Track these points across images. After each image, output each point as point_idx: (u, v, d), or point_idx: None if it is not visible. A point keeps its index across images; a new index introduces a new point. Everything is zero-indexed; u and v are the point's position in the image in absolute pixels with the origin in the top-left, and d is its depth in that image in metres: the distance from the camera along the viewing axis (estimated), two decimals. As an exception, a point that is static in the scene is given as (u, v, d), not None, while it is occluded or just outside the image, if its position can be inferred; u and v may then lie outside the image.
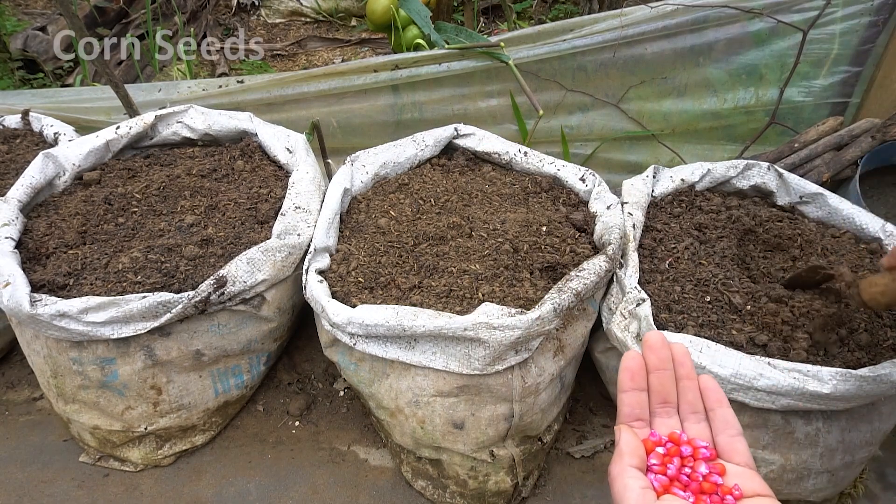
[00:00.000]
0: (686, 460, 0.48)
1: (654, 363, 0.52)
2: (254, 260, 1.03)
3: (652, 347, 0.53)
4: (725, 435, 0.51)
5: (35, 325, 0.98)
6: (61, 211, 1.18)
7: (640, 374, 0.52)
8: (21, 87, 2.20)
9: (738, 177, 1.25)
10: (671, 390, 0.52)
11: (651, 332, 0.53)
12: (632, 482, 0.45)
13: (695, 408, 0.52)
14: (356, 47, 2.77)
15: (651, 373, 0.52)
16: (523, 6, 2.79)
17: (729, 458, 0.50)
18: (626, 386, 0.52)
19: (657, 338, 0.52)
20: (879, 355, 0.92)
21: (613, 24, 1.47)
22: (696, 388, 0.52)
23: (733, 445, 0.50)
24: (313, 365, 1.34)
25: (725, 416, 0.51)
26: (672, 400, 0.52)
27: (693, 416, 0.52)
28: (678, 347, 0.53)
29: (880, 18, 1.44)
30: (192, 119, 1.36)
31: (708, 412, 0.52)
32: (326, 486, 1.11)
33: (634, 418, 0.51)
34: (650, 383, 0.52)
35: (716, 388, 0.52)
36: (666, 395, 0.52)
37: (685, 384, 0.52)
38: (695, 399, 0.52)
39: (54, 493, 1.10)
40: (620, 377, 0.52)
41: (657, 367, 0.52)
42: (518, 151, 1.29)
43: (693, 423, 0.52)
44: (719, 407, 0.52)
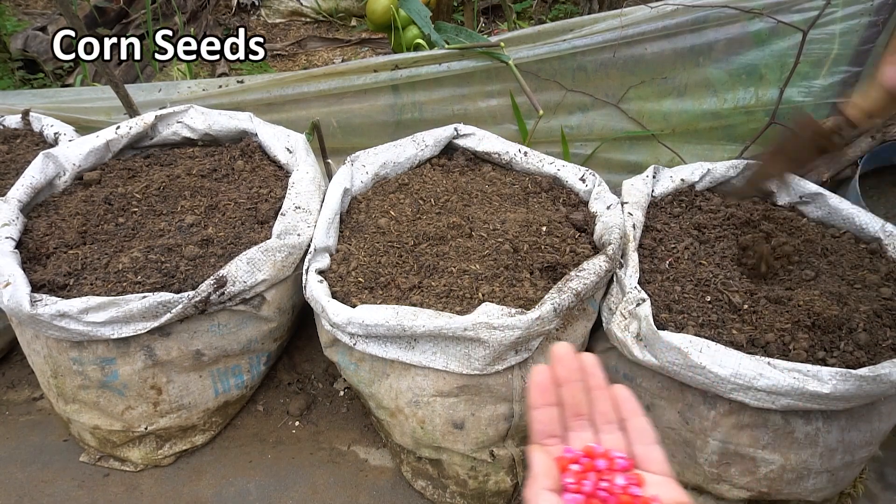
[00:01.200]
0: (603, 474, 0.47)
1: (564, 375, 0.51)
2: (254, 260, 1.03)
3: (560, 359, 0.51)
4: (642, 444, 0.50)
5: (35, 325, 0.98)
6: (61, 211, 1.18)
7: (550, 388, 0.50)
8: (21, 87, 2.20)
9: (738, 177, 1.25)
10: (583, 402, 0.51)
11: (559, 344, 0.52)
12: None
13: (608, 418, 0.51)
14: (356, 47, 2.77)
15: (562, 386, 0.51)
16: (523, 6, 2.79)
17: (646, 468, 0.49)
18: (537, 402, 0.50)
19: (565, 349, 0.51)
20: (879, 355, 0.92)
21: (613, 24, 1.47)
22: (608, 397, 0.51)
23: (650, 454, 0.49)
24: (313, 365, 1.34)
25: (641, 426, 0.50)
26: (585, 412, 0.51)
27: (607, 426, 0.51)
28: (587, 357, 0.52)
29: (880, 18, 1.44)
30: (192, 119, 1.36)
31: (622, 422, 0.51)
32: (326, 486, 1.11)
33: (548, 435, 0.49)
34: (562, 397, 0.50)
35: (629, 397, 0.51)
36: (578, 408, 0.51)
37: (597, 394, 0.51)
38: (608, 409, 0.51)
39: (54, 493, 1.10)
40: (531, 394, 0.50)
41: (567, 380, 0.51)
42: (518, 151, 1.29)
43: (608, 434, 0.51)
44: (634, 417, 0.50)
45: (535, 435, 0.50)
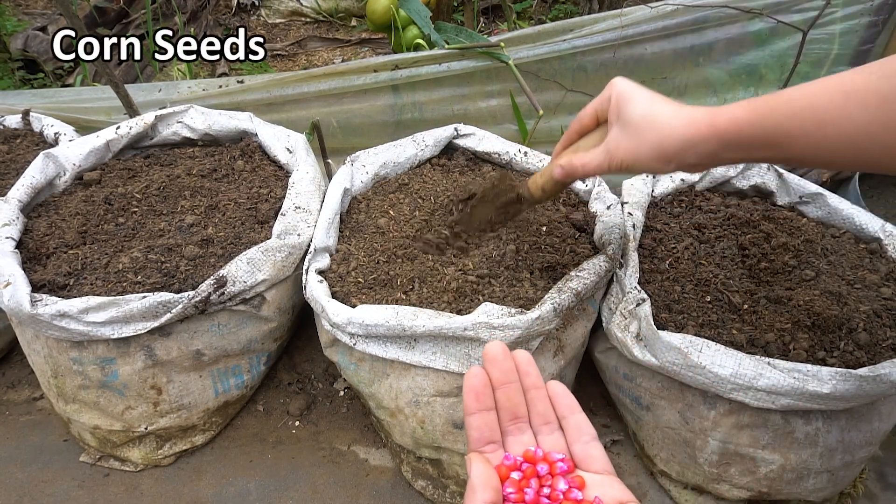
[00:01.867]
0: (544, 479, 0.46)
1: (499, 377, 0.48)
2: (254, 260, 1.03)
3: (493, 360, 0.49)
4: (580, 443, 0.48)
5: (35, 325, 0.98)
6: (61, 211, 1.18)
7: (484, 392, 0.48)
8: (21, 87, 2.20)
9: (738, 177, 1.26)
10: (520, 404, 0.49)
11: (490, 344, 0.49)
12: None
13: (546, 418, 0.49)
14: (356, 47, 2.77)
15: (497, 389, 0.48)
16: (523, 6, 2.79)
17: (587, 467, 0.47)
18: (472, 408, 0.47)
19: (497, 349, 0.49)
20: (879, 355, 0.93)
21: (613, 24, 1.47)
22: (545, 396, 0.49)
23: (589, 452, 0.48)
24: (313, 365, 1.34)
25: (578, 423, 0.49)
26: (522, 414, 0.49)
27: (545, 427, 0.49)
28: (521, 355, 0.50)
29: (880, 18, 1.44)
30: (192, 119, 1.36)
31: (561, 421, 0.49)
32: (326, 485, 1.11)
33: (485, 442, 0.47)
34: (497, 400, 0.48)
35: (565, 393, 0.50)
36: (515, 411, 0.48)
37: (533, 394, 0.49)
38: (545, 409, 0.49)
39: (54, 492, 1.10)
40: (465, 399, 0.48)
41: (503, 382, 0.48)
42: (518, 151, 1.29)
43: (547, 435, 0.49)
44: (571, 414, 0.49)
45: (472, 442, 0.48)
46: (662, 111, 0.67)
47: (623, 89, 0.72)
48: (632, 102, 0.70)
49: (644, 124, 0.68)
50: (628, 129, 0.70)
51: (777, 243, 1.09)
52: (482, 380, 0.48)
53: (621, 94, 0.71)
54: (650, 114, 0.68)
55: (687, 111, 0.66)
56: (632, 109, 0.69)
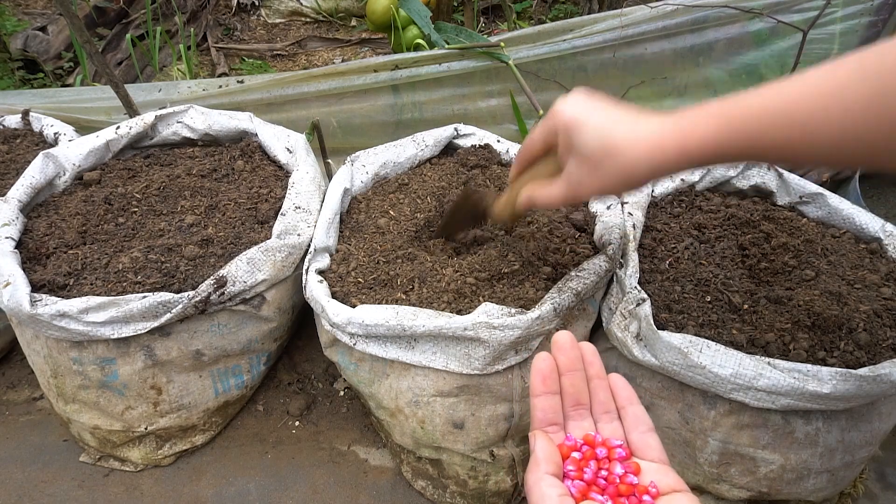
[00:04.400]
0: (602, 462, 0.48)
1: (566, 364, 0.51)
2: (254, 260, 1.03)
3: (562, 348, 0.51)
4: (637, 432, 0.50)
5: (35, 325, 0.98)
6: (61, 211, 1.18)
7: (551, 377, 0.50)
8: (21, 87, 2.20)
9: (738, 177, 1.26)
10: (583, 391, 0.51)
11: (559, 333, 0.52)
12: (549, 490, 0.44)
13: (607, 407, 0.52)
14: (356, 47, 2.77)
15: (563, 375, 0.51)
16: (523, 6, 2.79)
17: (643, 455, 0.49)
18: (539, 390, 0.50)
19: (566, 338, 0.51)
20: (879, 355, 0.92)
21: (613, 24, 1.47)
22: (607, 387, 0.52)
23: (646, 442, 0.50)
24: (313, 365, 1.34)
25: (637, 414, 0.51)
26: (585, 401, 0.51)
27: (606, 415, 0.51)
28: (587, 347, 0.52)
29: (880, 18, 1.44)
30: (192, 119, 1.36)
31: (619, 411, 0.51)
32: (326, 485, 1.11)
33: (548, 423, 0.50)
34: (562, 386, 0.51)
35: (625, 385, 0.52)
36: (578, 397, 0.51)
37: (596, 384, 0.52)
38: (606, 398, 0.52)
39: (54, 493, 1.10)
40: (532, 381, 0.51)
41: (569, 369, 0.51)
42: (518, 151, 1.29)
43: (606, 423, 0.51)
44: (630, 405, 0.51)
45: (536, 422, 0.50)
46: (619, 137, 0.59)
47: (569, 118, 0.63)
48: (582, 133, 0.62)
49: (602, 156, 0.60)
50: (587, 164, 0.62)
51: (777, 243, 1.09)
52: (550, 364, 0.50)
53: (568, 125, 0.63)
54: (606, 143, 0.60)
55: (648, 130, 0.59)
56: (584, 141, 0.62)
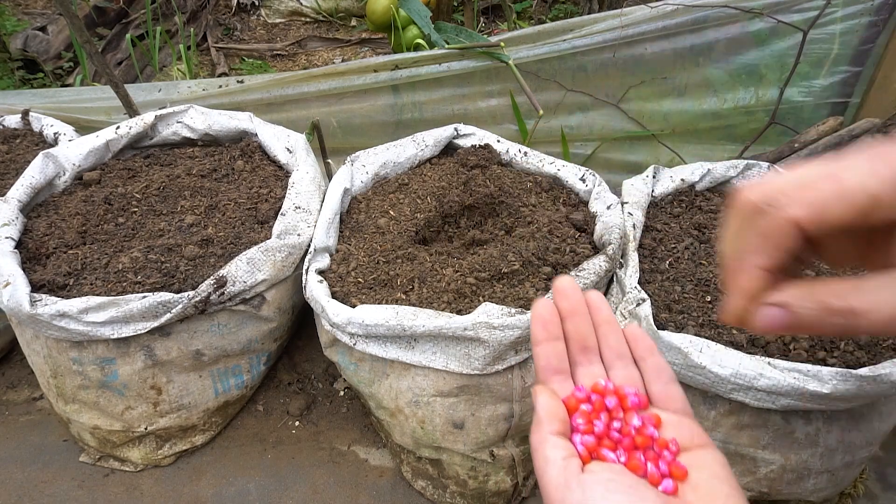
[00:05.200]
0: (614, 412, 0.42)
1: (568, 309, 0.45)
2: (254, 260, 1.03)
3: (563, 293, 0.46)
4: (660, 383, 0.45)
5: (35, 325, 0.98)
6: (61, 211, 1.18)
7: (553, 321, 0.45)
8: (21, 87, 2.20)
9: (738, 177, 1.25)
10: (590, 335, 0.46)
11: (561, 278, 0.46)
12: (553, 453, 0.38)
13: (620, 352, 0.45)
14: (356, 47, 2.77)
15: (565, 319, 0.45)
16: (523, 6, 2.79)
17: (665, 406, 0.44)
18: (540, 336, 0.44)
19: (567, 282, 0.46)
20: (879, 355, 0.92)
21: (613, 24, 1.47)
22: (619, 332, 0.46)
23: (668, 393, 0.44)
24: (313, 365, 1.34)
25: (658, 364, 0.45)
26: (592, 345, 0.46)
27: (619, 361, 0.45)
28: (593, 293, 0.47)
29: (880, 18, 1.44)
30: (192, 119, 1.36)
31: (639, 362, 0.46)
32: (326, 486, 1.11)
33: (554, 371, 0.44)
34: (566, 331, 0.45)
35: (644, 336, 0.46)
36: (585, 341, 0.45)
37: (605, 329, 0.46)
38: (618, 343, 0.46)
39: (54, 493, 1.10)
40: (533, 329, 0.45)
41: (572, 313, 0.45)
42: (518, 151, 1.29)
43: (620, 369, 0.45)
44: (650, 356, 0.45)
45: (540, 372, 0.45)
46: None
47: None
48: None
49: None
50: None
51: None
52: (550, 309, 0.45)
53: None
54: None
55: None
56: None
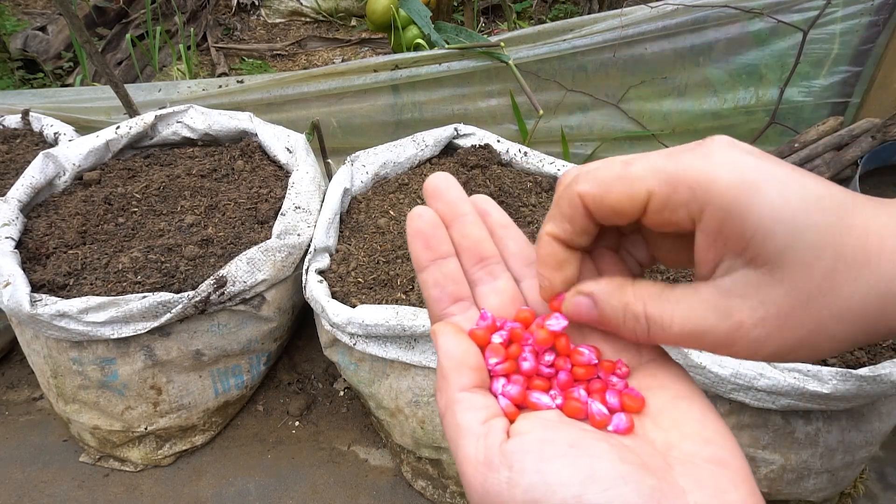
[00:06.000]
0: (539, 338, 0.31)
1: (448, 212, 0.33)
2: (254, 260, 1.03)
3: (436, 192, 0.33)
4: None
5: (35, 325, 0.98)
6: (61, 211, 1.18)
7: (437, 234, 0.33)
8: (21, 87, 2.20)
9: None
10: (484, 240, 0.34)
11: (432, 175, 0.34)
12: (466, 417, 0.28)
13: (528, 257, 0.34)
14: (356, 47, 2.77)
15: (449, 227, 0.33)
16: (523, 6, 2.79)
17: None
18: (424, 259, 0.32)
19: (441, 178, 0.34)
20: (879, 355, 0.92)
21: (613, 24, 1.47)
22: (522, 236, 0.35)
23: None
24: (313, 365, 1.34)
25: None
26: (490, 253, 0.34)
27: (529, 268, 0.34)
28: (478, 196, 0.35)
29: (880, 18, 1.44)
30: (192, 119, 1.36)
31: None
32: (326, 486, 1.11)
33: (451, 300, 0.33)
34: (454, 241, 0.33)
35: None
36: (479, 250, 0.33)
37: (502, 233, 0.34)
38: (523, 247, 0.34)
39: (54, 493, 1.10)
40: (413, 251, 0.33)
41: (455, 216, 0.33)
42: (518, 151, 1.29)
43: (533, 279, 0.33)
44: None
45: (434, 305, 0.33)
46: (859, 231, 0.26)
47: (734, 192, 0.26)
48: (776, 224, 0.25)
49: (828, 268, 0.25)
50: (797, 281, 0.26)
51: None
52: (431, 220, 0.33)
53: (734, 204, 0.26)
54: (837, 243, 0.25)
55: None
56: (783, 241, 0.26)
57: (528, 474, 0.25)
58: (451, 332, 0.31)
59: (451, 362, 0.30)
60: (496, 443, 0.26)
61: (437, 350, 0.31)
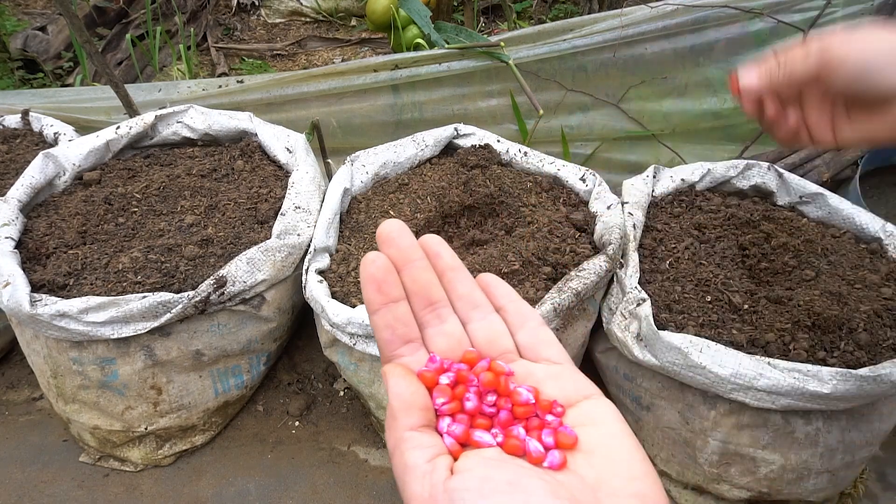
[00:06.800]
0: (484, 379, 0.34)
1: (399, 257, 0.36)
2: (254, 260, 1.03)
3: (388, 239, 0.36)
4: (527, 330, 0.37)
5: (35, 325, 0.98)
6: (61, 211, 1.18)
7: (389, 279, 0.35)
8: (21, 87, 2.20)
9: (738, 177, 1.25)
10: (433, 284, 0.36)
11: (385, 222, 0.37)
12: (413, 456, 0.30)
13: (475, 302, 0.37)
14: (356, 47, 2.77)
15: (400, 271, 0.36)
16: (523, 6, 2.79)
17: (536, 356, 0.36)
18: (376, 302, 0.35)
19: (392, 224, 0.36)
20: (879, 355, 0.92)
21: (613, 24, 1.47)
22: (470, 278, 0.38)
23: (539, 338, 0.36)
24: (313, 365, 1.34)
25: (522, 310, 0.37)
26: (439, 297, 0.36)
27: (475, 311, 0.37)
28: (428, 236, 0.38)
29: (880, 18, 1.44)
30: (192, 119, 1.36)
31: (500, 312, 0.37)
32: (326, 486, 1.11)
33: (401, 342, 0.35)
34: (405, 285, 0.36)
35: (500, 282, 0.39)
36: (428, 294, 0.36)
37: (451, 276, 0.37)
38: (470, 290, 0.37)
39: (54, 493, 1.10)
40: (366, 293, 0.35)
41: (405, 261, 0.36)
42: (518, 151, 1.29)
43: (479, 322, 0.36)
44: (511, 302, 0.38)
45: (385, 347, 0.35)
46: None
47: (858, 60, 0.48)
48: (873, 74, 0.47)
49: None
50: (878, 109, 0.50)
51: (777, 243, 1.09)
52: (384, 265, 0.35)
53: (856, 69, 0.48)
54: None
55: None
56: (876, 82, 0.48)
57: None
58: (401, 373, 0.33)
59: (401, 403, 0.32)
60: (440, 480, 0.28)
61: (387, 391, 0.33)
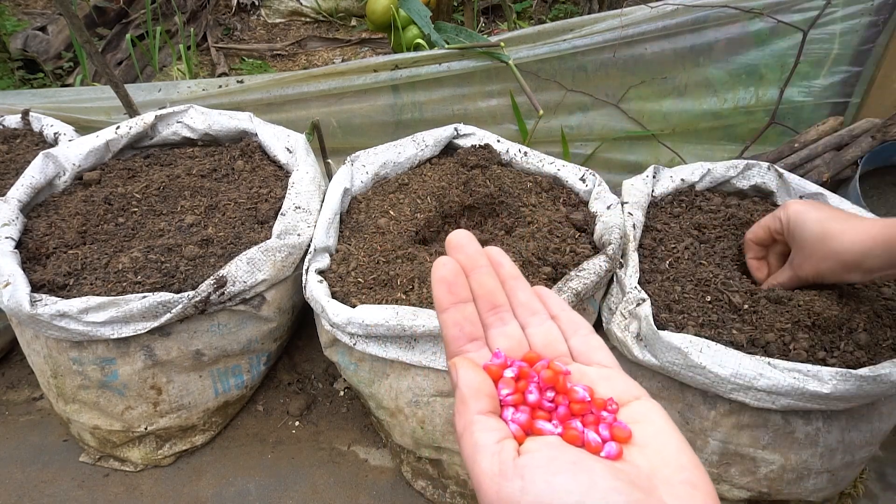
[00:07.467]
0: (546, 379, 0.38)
1: (468, 263, 0.41)
2: (254, 260, 1.03)
3: (458, 246, 0.41)
4: (579, 336, 0.41)
5: (35, 325, 0.98)
6: (61, 211, 1.18)
7: (458, 282, 0.40)
8: (21, 87, 2.20)
9: (738, 177, 1.25)
10: (497, 290, 0.41)
11: (454, 232, 0.42)
12: (483, 437, 0.33)
13: (532, 308, 0.42)
14: (356, 47, 2.77)
15: (468, 276, 0.41)
16: (523, 6, 2.79)
17: (588, 360, 0.40)
18: (446, 302, 0.39)
19: (463, 235, 0.41)
20: (879, 355, 0.92)
21: (613, 24, 1.47)
22: (528, 287, 0.42)
23: (590, 344, 0.41)
24: (313, 365, 1.34)
25: (573, 318, 0.42)
26: (502, 302, 0.41)
27: (533, 318, 0.41)
28: (493, 249, 0.43)
29: (880, 18, 1.44)
30: (192, 119, 1.36)
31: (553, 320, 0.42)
32: (326, 486, 1.11)
33: (467, 339, 0.39)
34: (471, 288, 0.41)
35: (553, 294, 0.43)
36: (492, 299, 0.41)
37: (512, 284, 0.42)
38: (529, 298, 0.42)
39: (54, 493, 1.10)
40: (436, 294, 0.39)
41: (474, 266, 0.41)
42: (518, 151, 1.29)
43: (537, 327, 0.41)
44: (563, 311, 0.42)
45: (451, 343, 0.40)
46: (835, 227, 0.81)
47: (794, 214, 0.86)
48: (804, 227, 0.84)
49: (818, 241, 0.83)
50: (804, 251, 0.86)
51: (777, 243, 1.09)
52: (454, 269, 0.40)
53: (792, 220, 0.86)
54: (823, 235, 0.82)
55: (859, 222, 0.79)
56: (805, 233, 0.85)
57: (538, 484, 0.30)
58: (469, 365, 0.37)
59: (470, 390, 0.35)
60: (509, 458, 0.32)
61: (454, 380, 0.37)
